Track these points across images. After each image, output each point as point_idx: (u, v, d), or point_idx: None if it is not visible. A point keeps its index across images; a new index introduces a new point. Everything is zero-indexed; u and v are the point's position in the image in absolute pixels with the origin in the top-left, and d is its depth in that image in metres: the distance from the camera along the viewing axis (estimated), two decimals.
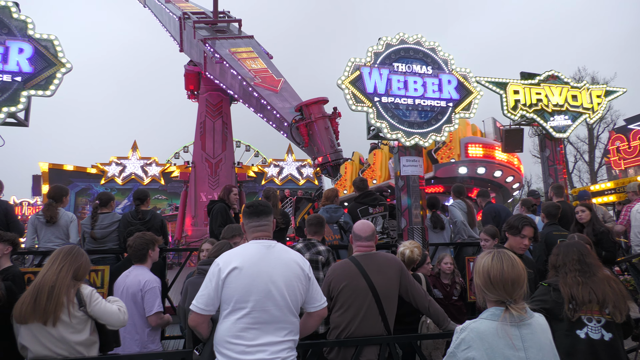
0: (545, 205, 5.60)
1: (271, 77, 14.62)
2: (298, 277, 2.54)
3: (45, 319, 2.68)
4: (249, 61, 15.44)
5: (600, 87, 8.65)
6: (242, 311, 2.39)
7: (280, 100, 13.33)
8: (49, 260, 2.89)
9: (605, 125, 30.94)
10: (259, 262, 2.48)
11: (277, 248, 2.60)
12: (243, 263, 2.46)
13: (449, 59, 6.72)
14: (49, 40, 5.71)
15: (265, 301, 2.41)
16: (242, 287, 2.41)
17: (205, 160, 21.85)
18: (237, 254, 2.53)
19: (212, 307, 2.47)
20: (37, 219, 5.54)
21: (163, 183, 30.74)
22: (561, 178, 8.12)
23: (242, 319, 2.39)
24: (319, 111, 11.16)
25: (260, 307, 2.39)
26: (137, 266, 3.91)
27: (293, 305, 2.50)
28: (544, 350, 1.99)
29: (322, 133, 10.98)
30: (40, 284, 2.73)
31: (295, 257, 2.62)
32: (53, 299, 2.69)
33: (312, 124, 11.06)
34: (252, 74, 14.67)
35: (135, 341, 3.66)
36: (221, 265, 2.47)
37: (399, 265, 3.41)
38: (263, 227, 2.67)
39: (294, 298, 2.50)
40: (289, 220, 6.00)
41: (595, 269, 2.80)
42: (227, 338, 2.38)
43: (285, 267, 2.52)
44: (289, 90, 14.04)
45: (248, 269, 2.44)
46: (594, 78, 31.78)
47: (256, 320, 2.38)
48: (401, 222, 6.25)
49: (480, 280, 2.09)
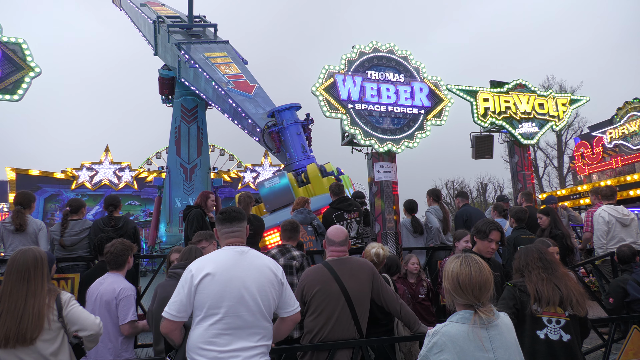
0: (514, 210, 5.80)
1: (245, 82, 14.54)
2: (271, 283, 2.56)
3: (30, 341, 2.59)
4: (224, 66, 15.35)
5: (565, 96, 9.00)
6: (215, 317, 2.39)
7: (253, 106, 13.23)
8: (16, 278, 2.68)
9: (572, 132, 32.08)
10: (231, 268, 2.49)
11: (250, 254, 2.62)
12: (216, 269, 2.47)
13: (420, 67, 6.89)
14: (17, 44, 5.60)
15: (238, 307, 2.42)
16: (214, 293, 2.41)
17: (180, 166, 21.59)
18: (209, 260, 2.54)
19: (185, 313, 2.47)
20: (4, 227, 5.37)
21: (136, 188, 30.17)
22: (529, 183, 8.40)
23: (214, 325, 2.39)
24: (290, 117, 11.12)
25: (233, 313, 2.40)
26: (113, 273, 3.85)
27: (266, 310, 2.51)
28: (510, 349, 2.08)
29: (294, 139, 10.93)
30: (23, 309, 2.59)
31: (268, 263, 2.63)
32: (39, 322, 2.61)
33: (283, 129, 11.01)
34: (226, 79, 14.58)
35: (109, 350, 3.61)
36: (194, 271, 2.47)
37: (371, 269, 3.48)
38: (236, 232, 2.68)
39: (267, 303, 2.51)
40: (261, 225, 5.99)
41: (555, 265, 2.96)
42: (199, 344, 2.38)
43: (258, 273, 2.53)
44: (262, 96, 13.95)
45: (221, 275, 2.45)
46: (561, 86, 32.96)
47: (229, 326, 2.39)
48: (375, 227, 6.34)
49: (450, 285, 2.16)
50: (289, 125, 10.96)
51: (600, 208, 6.29)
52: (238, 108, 13.21)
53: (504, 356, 2.03)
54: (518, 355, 2.10)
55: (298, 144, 10.92)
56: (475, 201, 42.47)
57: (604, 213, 6.16)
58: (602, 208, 6.25)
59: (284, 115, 11.17)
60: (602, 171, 17.95)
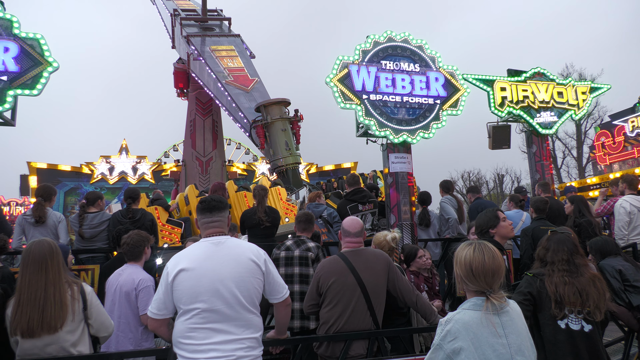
0: (534, 200, 5.71)
1: (245, 76, 14.26)
2: (251, 272, 2.50)
3: (56, 329, 2.66)
4: (227, 59, 15.20)
5: (585, 84, 8.79)
6: (192, 312, 2.39)
7: (248, 100, 12.88)
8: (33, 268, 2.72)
9: (592, 121, 31.37)
10: (204, 262, 2.46)
11: (226, 244, 2.55)
12: (189, 264, 2.45)
13: (436, 57, 6.79)
14: (35, 39, 5.67)
15: (214, 300, 2.39)
16: (188, 289, 2.40)
17: (195, 159, 21.77)
18: (184, 256, 2.52)
19: (166, 310, 2.50)
20: (25, 219, 5.49)
21: (153, 182, 30.56)
22: (548, 174, 8.25)
23: (191, 319, 2.39)
24: (278, 112, 10.81)
25: (209, 307, 2.38)
26: (131, 264, 3.90)
27: (247, 301, 2.46)
28: (521, 335, 2.08)
29: (279, 135, 10.62)
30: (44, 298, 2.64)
31: (247, 252, 2.56)
32: (63, 311, 2.67)
33: (269, 125, 10.73)
34: (226, 72, 14.40)
35: (129, 339, 3.68)
36: (169, 268, 2.48)
37: (387, 260, 3.46)
38: (216, 223, 2.61)
39: (247, 294, 2.46)
40: (277, 217, 6.00)
41: (582, 269, 2.87)
42: (178, 338, 2.41)
43: (235, 263, 2.48)
44: (260, 91, 13.60)
45: (194, 270, 2.43)
46: (581, 74, 32.19)
47: (207, 320, 2.38)
48: (390, 219, 6.31)
49: (462, 271, 2.15)
50: (274, 120, 10.63)
51: (621, 198, 6.14)
52: (233, 102, 13.07)
53: (516, 342, 2.03)
54: (529, 341, 2.11)
55: (282, 141, 10.60)
56: (491, 193, 41.94)
57: (625, 203, 6.02)
58: (624, 198, 6.10)
59: (270, 110, 10.85)
60: (624, 161, 17.55)
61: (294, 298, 4.02)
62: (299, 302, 4.01)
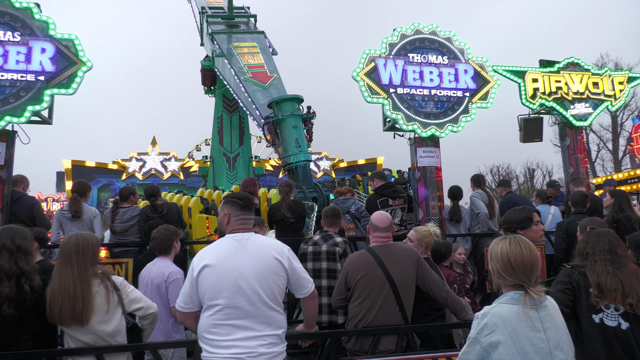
0: (573, 193, 5.55)
1: (264, 72, 14.27)
2: (273, 270, 2.52)
3: (84, 322, 2.75)
4: (248, 56, 15.30)
5: (622, 74, 8.44)
6: (215, 308, 2.43)
7: (264, 96, 12.88)
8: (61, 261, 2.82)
9: (629, 112, 30.14)
10: (227, 258, 2.49)
11: (250, 241, 2.57)
12: (213, 260, 2.49)
13: (465, 48, 6.65)
14: (69, 40, 5.84)
15: (236, 297, 2.41)
16: (211, 285, 2.44)
17: (223, 155, 22.09)
18: (209, 252, 2.56)
19: (192, 304, 2.55)
20: (62, 214, 5.70)
21: (182, 178, 31.15)
22: (582, 167, 7.98)
23: (214, 315, 2.43)
24: (289, 109, 10.70)
25: (231, 304, 2.41)
26: (161, 258, 4.00)
27: (269, 298, 2.47)
28: (560, 330, 2.03)
29: (290, 132, 10.52)
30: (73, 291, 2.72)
31: (270, 250, 2.57)
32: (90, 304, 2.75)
33: (279, 122, 10.63)
34: (246, 68, 14.46)
35: (160, 331, 3.77)
36: (195, 263, 2.53)
37: (416, 255, 3.43)
38: (248, 221, 2.69)
39: (269, 291, 2.48)
40: (303, 211, 6.01)
41: (625, 260, 2.79)
42: (203, 333, 2.47)
43: (257, 261, 2.50)
44: (278, 87, 13.56)
45: (217, 266, 2.47)
46: (617, 64, 30.92)
47: (229, 316, 2.41)
48: (418, 214, 6.24)
49: (499, 265, 2.10)
50: (285, 117, 10.56)
51: None
52: (249, 98, 13.09)
53: (555, 337, 1.98)
54: (566, 337, 2.06)
55: (292, 138, 10.50)
56: (522, 187, 40.93)
57: None
58: None
59: (283, 106, 10.77)
60: None
61: (321, 293, 4.04)
62: (326, 296, 4.02)
